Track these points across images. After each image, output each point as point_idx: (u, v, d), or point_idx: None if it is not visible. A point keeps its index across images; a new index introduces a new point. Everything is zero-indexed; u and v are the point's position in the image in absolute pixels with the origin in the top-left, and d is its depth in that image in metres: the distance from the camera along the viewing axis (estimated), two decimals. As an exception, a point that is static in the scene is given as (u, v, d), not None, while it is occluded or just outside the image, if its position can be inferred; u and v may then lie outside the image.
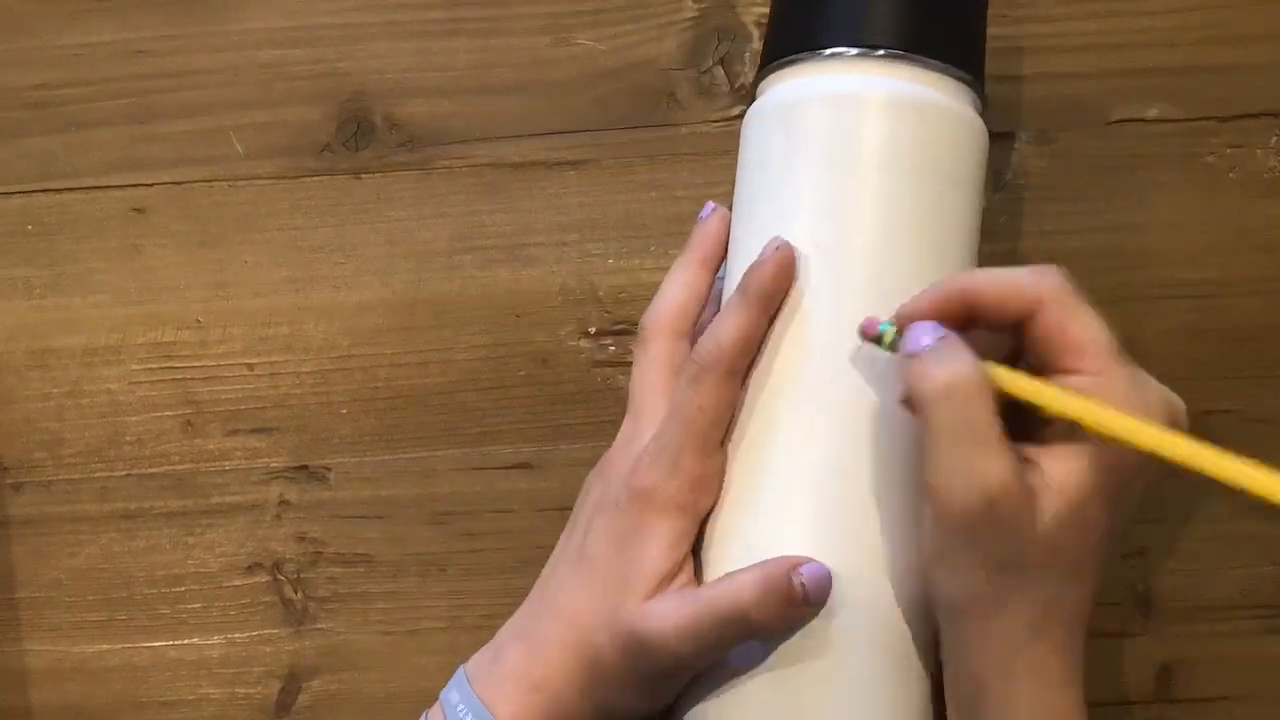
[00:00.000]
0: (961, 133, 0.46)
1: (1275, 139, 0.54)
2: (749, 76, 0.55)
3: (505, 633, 0.48)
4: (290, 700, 0.54)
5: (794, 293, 0.45)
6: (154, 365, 0.55)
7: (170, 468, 0.55)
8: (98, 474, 0.55)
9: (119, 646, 0.54)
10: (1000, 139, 0.53)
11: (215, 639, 0.54)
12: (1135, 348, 0.53)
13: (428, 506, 0.54)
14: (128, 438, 0.55)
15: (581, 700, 0.46)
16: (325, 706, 0.54)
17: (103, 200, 0.56)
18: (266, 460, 0.55)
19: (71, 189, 0.56)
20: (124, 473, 0.55)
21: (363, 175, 0.55)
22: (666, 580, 0.45)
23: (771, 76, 0.47)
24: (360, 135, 0.56)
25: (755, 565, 0.43)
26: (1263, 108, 0.54)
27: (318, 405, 0.55)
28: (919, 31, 0.45)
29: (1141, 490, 0.42)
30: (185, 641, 0.54)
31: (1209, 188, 0.54)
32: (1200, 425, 0.53)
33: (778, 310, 0.45)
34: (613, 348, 0.54)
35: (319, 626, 0.54)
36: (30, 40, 0.56)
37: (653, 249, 0.54)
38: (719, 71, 0.55)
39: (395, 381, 0.55)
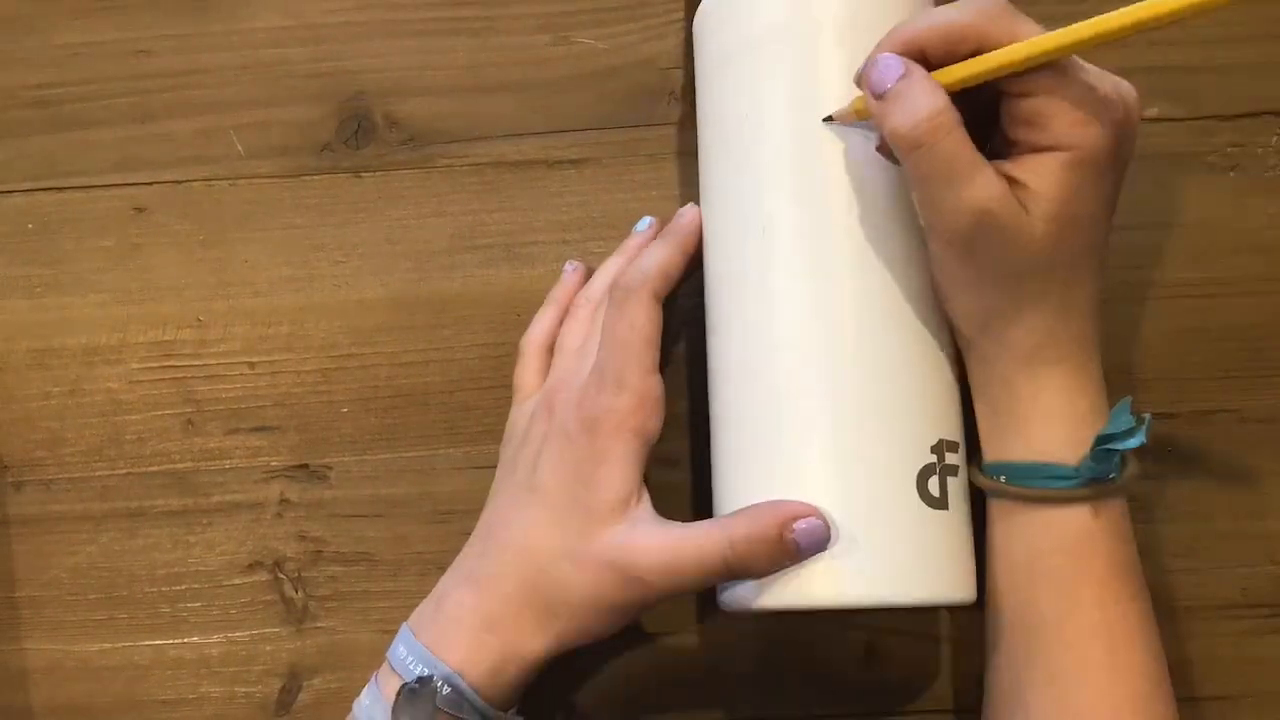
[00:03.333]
0: None
1: (1275, 138, 0.54)
2: (749, 76, 0.55)
3: (446, 582, 0.48)
4: (290, 699, 0.54)
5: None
6: (154, 364, 0.55)
7: (171, 466, 0.55)
8: (98, 473, 0.55)
9: (119, 645, 0.54)
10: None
11: (215, 638, 0.54)
12: (1135, 348, 0.54)
13: (428, 505, 0.54)
14: (128, 437, 0.55)
15: (537, 635, 0.45)
16: (325, 705, 0.54)
17: (103, 200, 0.56)
18: (267, 459, 0.55)
19: (72, 188, 0.56)
20: (124, 471, 0.55)
21: (363, 174, 0.55)
22: (625, 504, 0.45)
23: None
24: (361, 134, 0.56)
25: (746, 513, 0.44)
26: (1263, 107, 0.54)
27: (318, 404, 0.55)
28: None
29: (1119, 181, 0.44)
30: (185, 640, 0.54)
31: (1209, 188, 0.54)
32: (1200, 425, 0.53)
33: (696, 252, 0.49)
34: (613, 347, 0.54)
35: (319, 625, 0.54)
36: (30, 40, 0.56)
37: (653, 248, 0.54)
38: (719, 71, 0.55)
39: (396, 380, 0.55)
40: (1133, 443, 0.43)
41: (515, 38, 0.56)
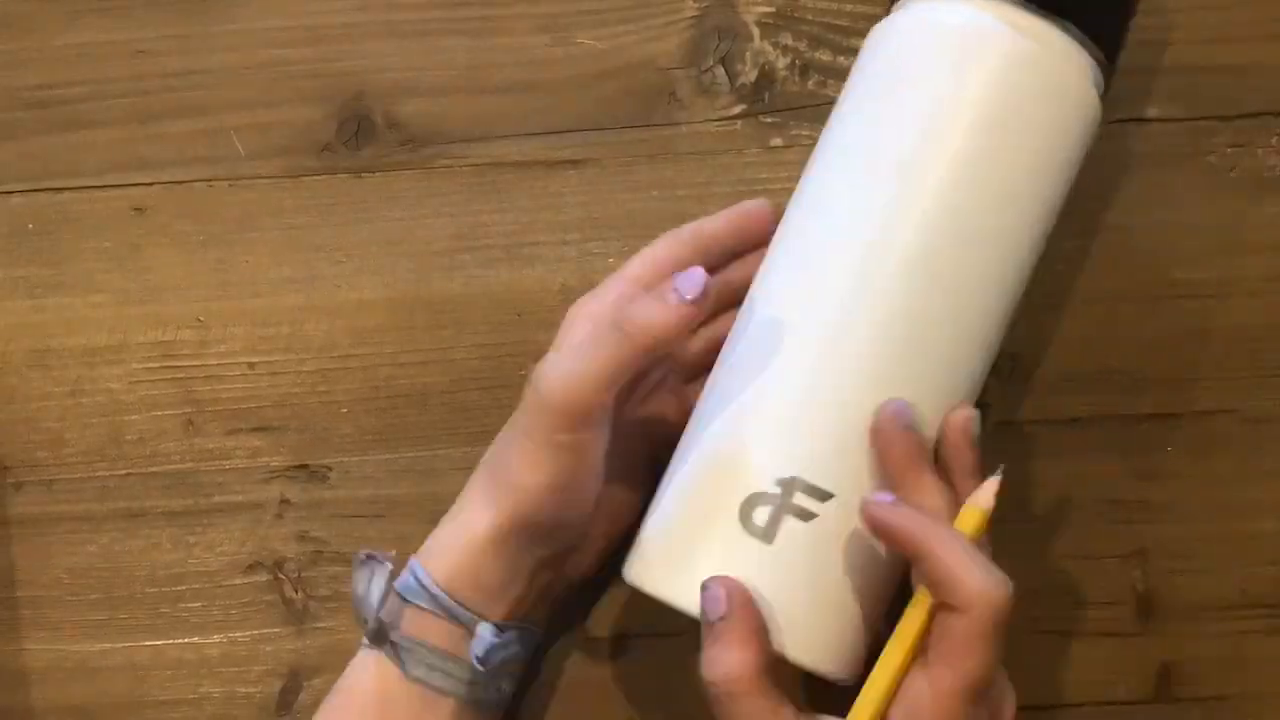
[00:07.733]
0: (1073, 105, 0.45)
1: (1276, 139, 0.54)
2: (749, 75, 0.55)
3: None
4: (291, 699, 0.54)
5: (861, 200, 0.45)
6: (155, 364, 0.55)
7: (171, 467, 0.55)
8: (99, 473, 0.55)
9: (120, 645, 0.54)
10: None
11: (216, 638, 0.54)
12: (1136, 348, 0.54)
13: (428, 506, 0.54)
14: (129, 437, 0.55)
15: (486, 508, 0.46)
16: (326, 706, 0.54)
17: (103, 200, 0.56)
18: (267, 459, 0.55)
19: (71, 189, 0.56)
20: (125, 472, 0.55)
21: (363, 175, 0.56)
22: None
23: None
24: (361, 135, 0.56)
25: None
26: (1263, 108, 0.54)
27: (318, 404, 0.55)
28: None
29: None
30: (186, 640, 0.54)
31: (1209, 188, 0.54)
32: (1200, 425, 0.53)
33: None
34: (613, 347, 0.54)
35: (320, 625, 0.54)
36: (30, 40, 0.56)
37: (653, 248, 0.54)
38: (719, 71, 0.55)
39: (396, 381, 0.55)
40: None
41: (515, 38, 0.56)
